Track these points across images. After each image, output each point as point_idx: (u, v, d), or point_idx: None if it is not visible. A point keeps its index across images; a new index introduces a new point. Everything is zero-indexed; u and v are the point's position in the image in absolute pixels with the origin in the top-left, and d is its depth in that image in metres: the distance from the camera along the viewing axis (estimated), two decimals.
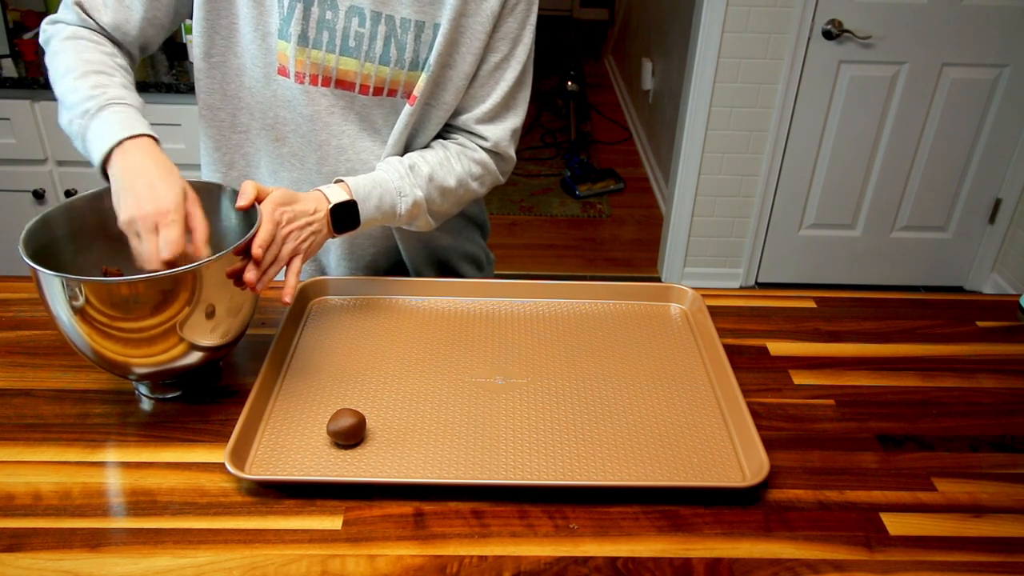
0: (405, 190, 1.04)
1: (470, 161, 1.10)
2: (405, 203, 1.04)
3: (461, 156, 1.10)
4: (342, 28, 1.00)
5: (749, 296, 1.19)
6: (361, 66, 1.03)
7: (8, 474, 0.82)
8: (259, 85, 1.05)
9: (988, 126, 2.78)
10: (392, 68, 1.03)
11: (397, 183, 1.04)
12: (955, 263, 3.05)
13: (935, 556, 0.76)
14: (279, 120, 1.07)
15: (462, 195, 1.11)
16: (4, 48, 2.21)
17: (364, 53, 1.02)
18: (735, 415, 0.90)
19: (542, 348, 1.03)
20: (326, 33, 1.00)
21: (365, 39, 1.01)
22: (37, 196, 2.22)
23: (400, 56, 1.02)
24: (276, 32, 1.01)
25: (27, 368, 0.97)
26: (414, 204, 1.05)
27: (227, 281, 0.86)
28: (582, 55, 5.65)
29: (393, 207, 1.04)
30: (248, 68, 1.05)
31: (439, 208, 1.10)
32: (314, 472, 0.82)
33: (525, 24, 1.06)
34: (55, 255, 0.89)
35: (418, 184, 1.05)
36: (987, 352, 1.08)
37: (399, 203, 1.04)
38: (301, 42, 1.00)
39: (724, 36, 2.62)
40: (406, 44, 1.02)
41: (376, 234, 1.17)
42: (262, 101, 1.06)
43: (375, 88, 1.05)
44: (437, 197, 1.08)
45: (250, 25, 1.01)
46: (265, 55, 1.03)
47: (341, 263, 1.19)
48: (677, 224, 2.98)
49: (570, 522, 0.78)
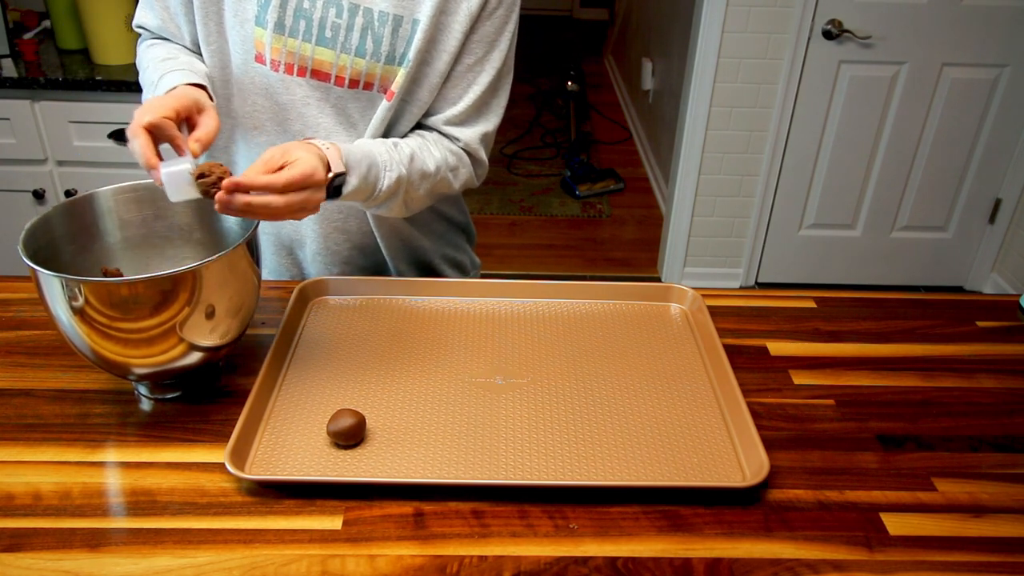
0: (391, 165, 1.01)
1: (446, 151, 1.08)
2: (389, 178, 1.00)
3: (439, 144, 1.08)
4: (319, 18, 1.01)
5: (749, 296, 1.19)
6: (337, 57, 1.03)
7: (8, 474, 0.82)
8: (241, 72, 1.06)
9: (988, 126, 2.78)
10: (368, 61, 1.03)
11: (384, 157, 1.01)
12: (955, 263, 3.05)
13: (935, 556, 0.76)
14: (257, 108, 1.08)
15: (438, 183, 1.08)
16: (4, 48, 2.21)
17: (340, 44, 1.02)
18: (735, 415, 0.90)
19: (542, 348, 1.03)
20: (303, 22, 1.01)
21: (342, 30, 1.01)
22: (37, 196, 2.22)
23: (376, 49, 1.02)
24: (253, 19, 1.02)
25: (27, 368, 0.97)
26: (397, 180, 1.01)
27: (227, 281, 0.86)
28: (582, 55, 5.65)
29: (376, 180, 1.00)
30: (232, 55, 1.06)
31: (416, 193, 1.06)
32: (314, 472, 0.82)
33: (503, 31, 1.05)
34: (55, 255, 0.90)
35: (402, 163, 1.02)
36: (987, 352, 1.08)
37: (383, 177, 1.00)
38: (277, 30, 1.01)
39: (724, 36, 2.62)
40: (383, 37, 1.01)
41: (352, 229, 1.16)
42: (244, 88, 1.07)
43: (351, 80, 1.04)
44: (416, 179, 1.05)
45: (231, 11, 1.03)
46: (244, 41, 1.04)
47: (317, 258, 1.18)
48: (677, 224, 2.98)
49: (570, 522, 0.78)
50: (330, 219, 1.15)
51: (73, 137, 2.16)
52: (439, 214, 1.26)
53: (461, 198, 1.32)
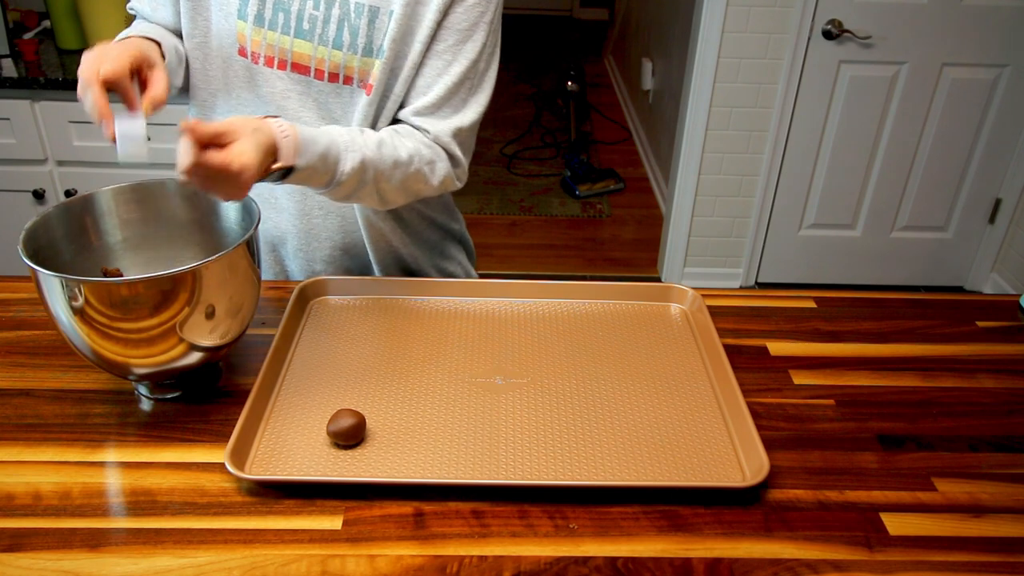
0: (353, 147, 0.97)
1: (420, 143, 1.04)
2: (352, 159, 0.96)
3: (412, 136, 1.04)
4: (297, 10, 1.02)
5: (749, 296, 1.19)
6: (315, 49, 1.03)
7: (8, 474, 0.82)
8: (224, 65, 1.07)
9: (988, 126, 2.78)
10: (345, 53, 1.02)
11: (345, 138, 0.97)
12: (955, 263, 3.05)
13: (935, 556, 0.76)
14: (241, 101, 1.09)
15: (413, 176, 1.03)
16: (4, 48, 2.21)
17: (318, 36, 1.02)
18: (735, 415, 0.90)
19: (542, 348, 1.03)
20: (281, 15, 1.02)
21: (319, 22, 1.02)
22: (37, 196, 2.22)
23: (353, 41, 1.02)
24: (236, 12, 1.03)
25: (27, 368, 0.97)
26: (361, 163, 0.97)
27: (227, 281, 0.86)
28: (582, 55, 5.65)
29: (337, 161, 0.95)
30: (215, 48, 1.07)
31: (388, 184, 1.02)
32: (314, 472, 0.82)
33: (478, 21, 1.02)
34: (55, 255, 0.90)
35: (367, 146, 0.98)
36: (987, 352, 1.08)
37: (344, 158, 0.95)
38: (257, 22, 1.02)
39: (724, 36, 2.62)
40: (359, 29, 1.01)
41: (332, 227, 1.16)
42: (228, 82, 1.08)
43: (330, 74, 1.04)
44: (387, 167, 1.00)
45: (217, 5, 1.04)
46: (228, 35, 1.05)
47: (298, 255, 1.18)
48: (677, 224, 2.98)
49: (570, 522, 0.78)
50: (310, 215, 1.15)
51: (73, 137, 2.16)
52: (430, 221, 1.23)
53: (455, 206, 1.30)
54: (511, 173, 3.91)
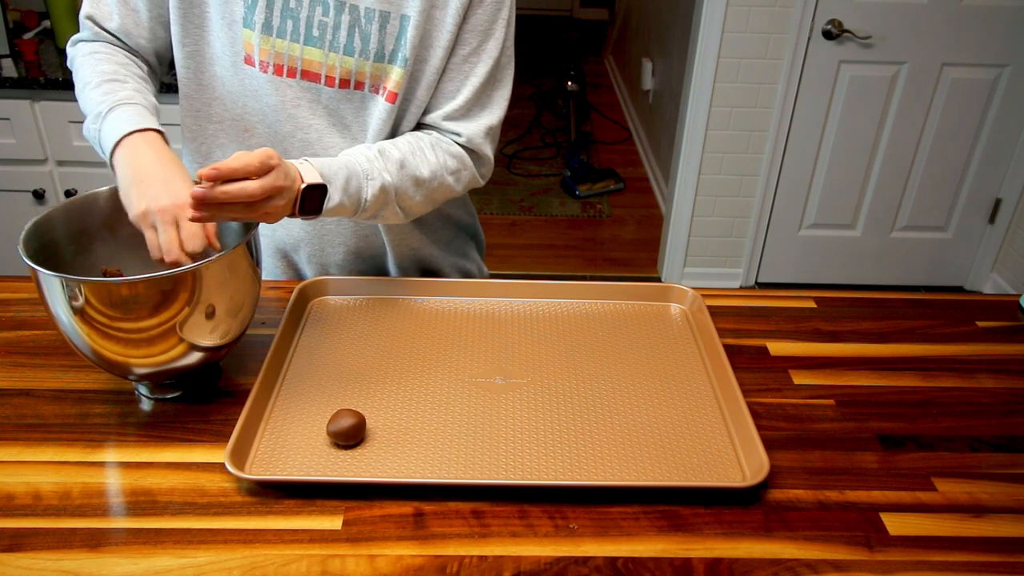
0: (373, 174, 0.98)
1: (445, 154, 1.05)
2: (372, 187, 0.97)
3: (436, 148, 1.05)
4: (306, 17, 1.00)
5: (749, 296, 1.19)
6: (325, 56, 1.02)
7: (8, 474, 0.82)
8: (228, 74, 1.05)
9: (988, 126, 2.78)
10: (357, 59, 1.01)
11: (365, 166, 0.98)
12: (955, 263, 3.05)
13: (935, 556, 0.76)
14: (247, 110, 1.07)
15: (436, 188, 1.05)
16: (4, 48, 2.21)
17: (328, 43, 1.01)
18: (735, 415, 0.90)
19: (542, 348, 1.03)
20: (290, 22, 1.00)
21: (329, 28, 1.00)
22: (37, 196, 2.22)
23: (364, 47, 1.01)
24: (241, 20, 1.01)
25: (27, 368, 0.97)
26: (381, 189, 0.98)
27: (227, 281, 0.86)
28: (582, 55, 5.65)
29: (359, 191, 0.97)
30: (218, 57, 1.04)
31: (411, 201, 1.03)
32: (314, 472, 0.82)
33: (496, 18, 1.03)
34: (55, 255, 0.90)
35: (387, 169, 0.99)
36: (987, 352, 1.08)
37: (365, 187, 0.97)
38: (265, 31, 1.00)
39: (724, 36, 2.62)
40: (370, 34, 1.00)
41: (346, 231, 1.15)
42: (232, 91, 1.06)
43: (341, 80, 1.03)
44: (409, 187, 1.02)
45: (218, 12, 1.02)
46: (232, 44, 1.03)
47: (312, 261, 1.18)
48: (677, 224, 2.98)
49: (570, 522, 0.78)
50: (322, 221, 1.14)
51: (73, 137, 2.16)
52: (445, 218, 1.24)
53: (468, 199, 1.30)
54: (511, 173, 3.91)
